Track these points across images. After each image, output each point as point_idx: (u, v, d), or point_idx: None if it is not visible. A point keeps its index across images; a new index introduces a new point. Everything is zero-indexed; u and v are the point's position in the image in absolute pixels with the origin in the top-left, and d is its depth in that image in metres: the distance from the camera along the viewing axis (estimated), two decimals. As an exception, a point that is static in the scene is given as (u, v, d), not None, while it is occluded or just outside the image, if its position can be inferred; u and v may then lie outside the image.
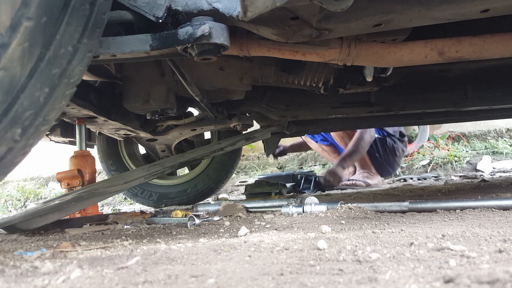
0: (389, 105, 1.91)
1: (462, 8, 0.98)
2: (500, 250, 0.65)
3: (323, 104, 1.92)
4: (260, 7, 0.81)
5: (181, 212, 1.46)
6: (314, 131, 2.30)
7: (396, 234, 0.86)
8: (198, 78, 1.54)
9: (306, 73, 1.55)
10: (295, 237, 0.90)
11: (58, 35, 0.73)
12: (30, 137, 0.78)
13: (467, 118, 2.43)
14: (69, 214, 1.37)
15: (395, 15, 0.98)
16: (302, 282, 0.54)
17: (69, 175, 1.58)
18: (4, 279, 0.64)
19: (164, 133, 1.97)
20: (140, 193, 2.50)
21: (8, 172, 0.81)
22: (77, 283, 0.59)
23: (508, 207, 1.15)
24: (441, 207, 1.22)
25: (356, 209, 1.27)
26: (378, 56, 1.24)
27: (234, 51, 1.21)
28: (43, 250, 0.87)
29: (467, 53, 1.23)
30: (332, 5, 0.81)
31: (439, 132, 4.84)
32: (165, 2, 0.97)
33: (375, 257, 0.66)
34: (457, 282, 0.48)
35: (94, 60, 1.02)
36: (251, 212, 1.51)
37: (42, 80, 0.73)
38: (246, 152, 5.21)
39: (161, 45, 0.98)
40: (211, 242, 0.93)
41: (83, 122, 1.61)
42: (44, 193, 4.59)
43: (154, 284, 0.57)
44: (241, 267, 0.65)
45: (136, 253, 0.81)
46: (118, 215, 1.60)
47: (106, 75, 1.53)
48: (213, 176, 2.48)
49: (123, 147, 2.49)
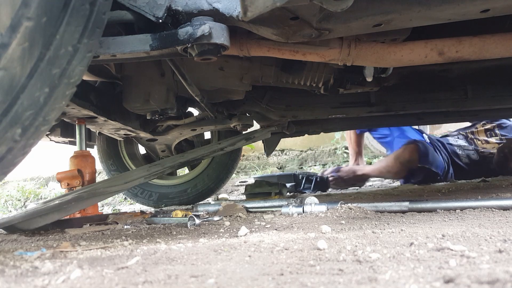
0: (389, 105, 1.91)
1: (462, 8, 0.98)
2: (500, 250, 0.65)
3: (323, 104, 1.92)
4: (260, 7, 0.81)
5: (181, 212, 1.46)
6: (314, 131, 2.30)
7: (396, 234, 0.86)
8: (198, 78, 1.54)
9: (306, 73, 1.55)
10: (295, 237, 0.90)
11: (58, 35, 0.73)
12: (30, 137, 0.78)
13: (467, 118, 2.43)
14: (69, 214, 1.37)
15: (395, 15, 0.98)
16: (302, 282, 0.54)
17: (69, 175, 1.57)
18: (4, 279, 0.64)
19: (164, 133, 1.97)
20: (140, 193, 2.50)
21: (8, 172, 0.81)
22: (77, 283, 0.59)
23: (508, 207, 1.15)
24: (441, 207, 1.22)
25: (356, 209, 1.27)
26: (378, 56, 1.24)
27: (234, 51, 1.21)
28: (43, 250, 0.87)
29: (467, 53, 1.23)
30: (332, 5, 0.81)
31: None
32: (165, 2, 0.97)
33: (375, 257, 0.66)
34: (457, 282, 0.48)
35: (94, 60, 1.02)
36: (251, 212, 1.51)
37: (42, 80, 0.73)
38: (246, 152, 5.20)
39: (161, 45, 0.98)
40: (211, 242, 0.93)
41: (83, 122, 1.61)
42: (44, 193, 4.59)
43: (154, 284, 0.57)
44: (241, 267, 0.65)
45: (136, 253, 0.81)
46: (118, 215, 1.60)
47: (106, 75, 1.53)
48: (213, 176, 2.48)
49: (123, 147, 2.49)
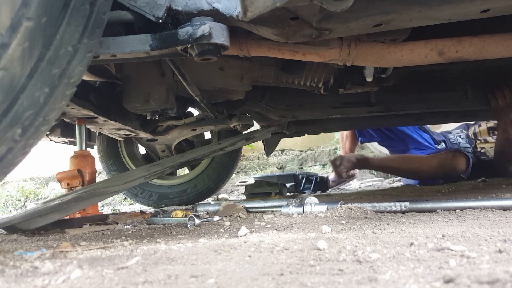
0: (389, 105, 1.91)
1: (462, 8, 0.98)
2: (500, 250, 0.65)
3: (323, 104, 1.93)
4: (260, 7, 0.81)
5: (181, 212, 1.46)
6: (314, 131, 2.30)
7: (396, 234, 0.86)
8: (198, 78, 1.54)
9: (306, 73, 1.55)
10: (295, 237, 0.90)
11: (58, 35, 0.73)
12: (30, 137, 0.78)
13: (467, 118, 2.43)
14: (69, 214, 1.37)
15: (395, 15, 0.98)
16: (302, 282, 0.54)
17: (69, 175, 1.57)
18: (4, 279, 0.64)
19: (164, 133, 1.97)
20: (140, 193, 2.50)
21: (8, 172, 0.81)
22: (77, 283, 0.59)
23: (508, 207, 1.15)
24: (441, 207, 1.21)
25: (356, 209, 1.27)
26: (378, 56, 1.24)
27: (234, 51, 1.21)
28: (43, 250, 0.87)
29: (467, 53, 1.23)
30: (332, 5, 0.81)
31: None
32: (165, 2, 0.97)
33: (375, 257, 0.66)
34: (457, 282, 0.48)
35: (94, 60, 1.02)
36: (251, 212, 1.51)
37: (42, 80, 0.73)
38: (246, 152, 5.20)
39: (161, 45, 0.98)
40: (211, 242, 0.93)
41: (83, 122, 1.61)
42: (44, 193, 4.59)
43: (154, 284, 0.57)
44: (241, 267, 0.65)
45: (136, 253, 0.81)
46: (118, 215, 1.60)
47: (106, 75, 1.53)
48: (213, 176, 2.48)
49: (123, 147, 2.49)
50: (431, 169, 2.65)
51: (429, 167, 2.66)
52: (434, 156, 2.72)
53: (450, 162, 2.63)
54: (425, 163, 2.68)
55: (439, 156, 2.70)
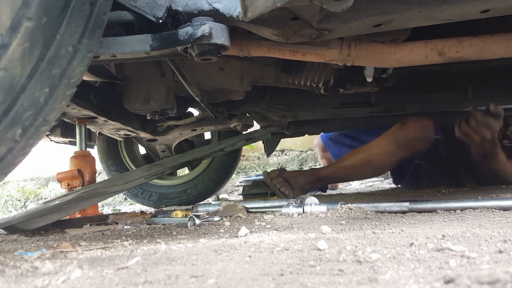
0: (389, 105, 1.91)
1: (462, 9, 0.98)
2: (501, 251, 0.65)
3: (323, 105, 1.93)
4: (260, 8, 0.81)
5: (181, 212, 1.45)
6: (314, 131, 2.30)
7: (396, 235, 0.86)
8: (198, 79, 1.54)
9: (306, 74, 1.55)
10: (295, 238, 0.90)
11: (59, 35, 0.73)
12: (30, 137, 0.78)
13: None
14: (69, 214, 1.37)
15: (395, 15, 0.98)
16: (302, 283, 0.54)
17: (69, 175, 1.58)
18: (4, 279, 0.64)
19: (164, 133, 1.98)
20: (140, 193, 2.50)
21: (8, 173, 0.81)
22: (77, 284, 0.59)
23: (508, 208, 1.15)
24: (441, 208, 1.21)
25: (356, 210, 1.27)
26: (378, 57, 1.24)
27: (234, 51, 1.21)
28: (43, 250, 0.87)
29: (467, 54, 1.23)
30: (332, 5, 0.81)
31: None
32: (165, 2, 0.97)
33: (375, 258, 0.66)
34: (457, 283, 0.48)
35: (94, 60, 1.02)
36: (251, 212, 1.51)
37: (43, 80, 0.73)
38: (246, 152, 5.20)
39: (161, 46, 0.98)
40: (211, 242, 0.93)
41: (83, 123, 1.61)
42: (44, 193, 4.59)
43: (154, 285, 0.57)
44: (242, 268, 0.65)
45: (136, 253, 0.81)
46: (118, 215, 1.60)
47: (106, 75, 1.53)
48: (213, 176, 2.48)
49: (123, 147, 2.49)
50: (387, 151, 1.97)
51: (380, 149, 1.98)
52: (384, 134, 2.02)
53: (401, 132, 1.95)
54: (374, 146, 2.01)
55: (387, 131, 2.01)
